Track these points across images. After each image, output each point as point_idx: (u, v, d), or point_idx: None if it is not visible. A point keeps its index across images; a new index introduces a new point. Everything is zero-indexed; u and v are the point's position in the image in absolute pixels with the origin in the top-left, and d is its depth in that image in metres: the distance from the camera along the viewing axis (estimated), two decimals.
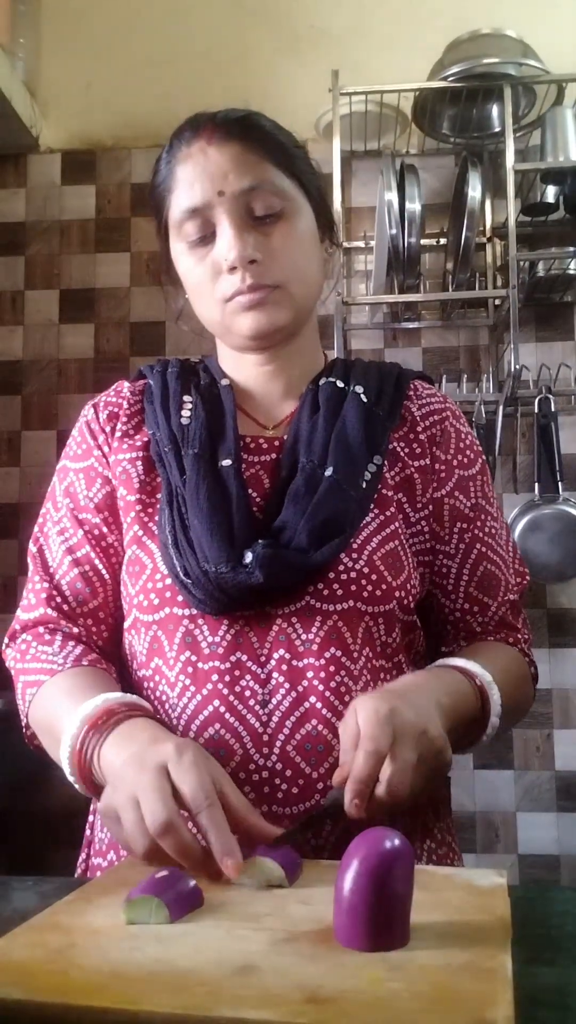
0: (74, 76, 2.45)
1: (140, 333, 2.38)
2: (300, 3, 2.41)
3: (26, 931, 0.57)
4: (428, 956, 0.52)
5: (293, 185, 0.96)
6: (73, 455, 1.03)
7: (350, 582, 0.90)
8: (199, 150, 0.94)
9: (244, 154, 0.93)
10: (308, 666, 0.88)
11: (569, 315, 2.31)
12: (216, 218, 0.93)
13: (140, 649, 0.94)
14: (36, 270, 2.44)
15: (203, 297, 0.97)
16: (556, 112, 2.14)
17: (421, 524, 0.99)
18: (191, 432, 0.97)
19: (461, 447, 1.03)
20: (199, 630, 0.90)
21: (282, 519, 0.91)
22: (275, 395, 1.03)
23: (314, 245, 0.99)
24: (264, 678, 0.88)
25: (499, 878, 0.66)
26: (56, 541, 1.00)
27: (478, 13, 2.19)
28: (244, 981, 0.49)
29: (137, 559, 0.94)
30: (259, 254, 0.92)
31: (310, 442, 0.96)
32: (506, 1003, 0.45)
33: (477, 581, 1.00)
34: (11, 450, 2.38)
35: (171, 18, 2.43)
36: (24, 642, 0.98)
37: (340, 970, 0.50)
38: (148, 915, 0.58)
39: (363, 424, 0.97)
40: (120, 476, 0.99)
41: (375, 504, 0.95)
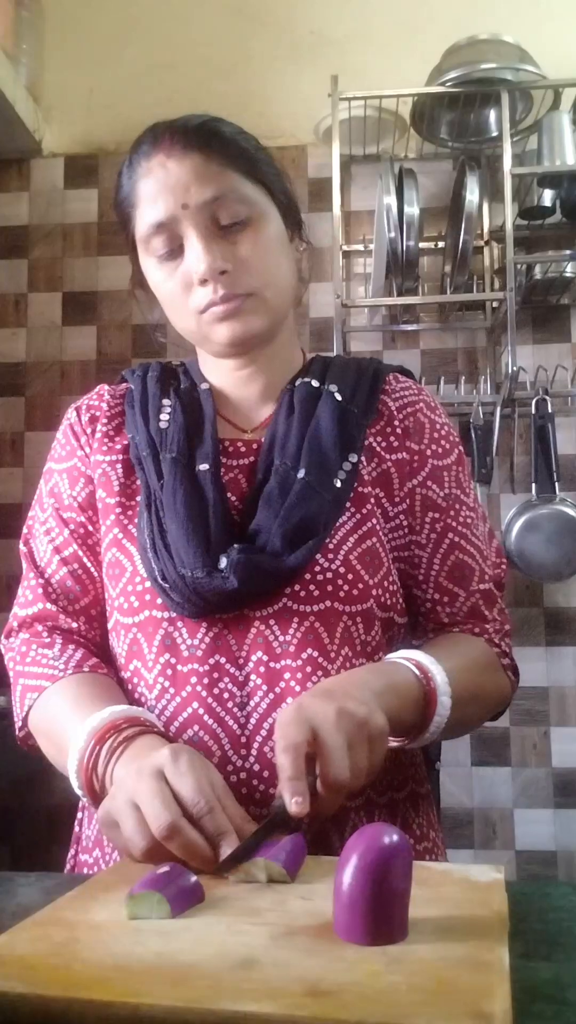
0: (77, 81, 2.45)
1: (142, 335, 2.38)
2: (300, 9, 2.41)
3: (30, 926, 0.57)
4: (426, 950, 0.52)
5: (257, 190, 0.94)
6: (57, 457, 1.04)
7: (326, 583, 0.89)
8: (159, 164, 0.93)
9: (205, 164, 0.91)
10: (285, 667, 0.88)
11: (566, 317, 2.32)
12: (183, 231, 0.91)
13: (120, 651, 0.94)
14: (39, 273, 2.44)
15: (177, 309, 0.96)
16: (553, 117, 2.14)
17: (400, 518, 0.98)
18: (169, 436, 0.97)
19: (435, 437, 1.01)
20: (178, 633, 0.90)
21: (256, 523, 0.91)
22: (253, 398, 1.02)
23: (284, 247, 0.98)
24: (242, 680, 0.88)
25: (496, 873, 0.66)
26: (43, 541, 1.00)
27: (476, 19, 2.19)
28: (245, 975, 0.49)
29: (117, 562, 0.95)
30: (229, 264, 0.91)
31: (284, 444, 0.96)
32: (503, 996, 0.45)
33: (448, 571, 0.98)
34: (14, 451, 2.39)
35: (172, 24, 2.43)
36: (24, 642, 0.97)
37: (340, 964, 0.50)
38: (150, 910, 0.58)
39: (337, 423, 0.96)
40: (100, 479, 0.99)
41: (351, 503, 0.94)
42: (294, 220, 1.01)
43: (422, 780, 1.00)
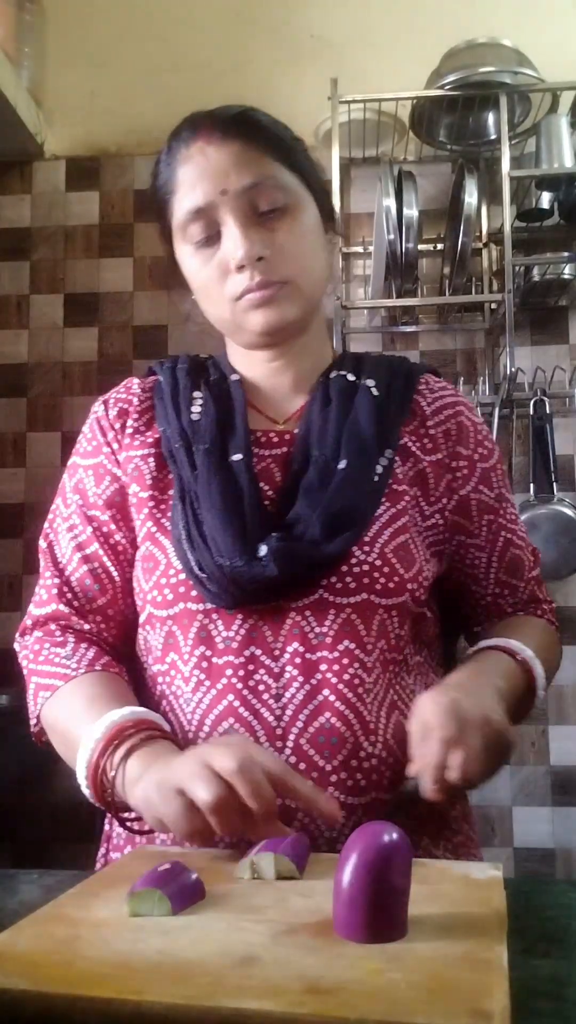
0: (78, 84, 2.45)
1: (143, 336, 2.38)
2: (300, 13, 2.41)
3: (32, 923, 0.57)
4: (426, 947, 0.52)
5: (295, 179, 0.94)
6: (83, 452, 1.02)
7: (363, 575, 0.88)
8: (198, 150, 0.92)
9: (244, 151, 0.91)
10: (322, 659, 0.87)
11: (563, 319, 2.32)
12: (220, 217, 0.91)
13: (155, 644, 0.93)
14: (41, 275, 2.44)
15: (211, 297, 0.95)
16: (551, 120, 2.14)
17: (436, 518, 0.97)
18: (201, 428, 0.96)
19: (479, 439, 1.02)
20: (213, 625, 0.89)
21: (295, 512, 0.90)
22: (285, 389, 1.01)
23: (319, 237, 0.97)
24: (278, 672, 0.87)
25: (495, 871, 0.66)
26: (66, 537, 0.99)
27: (474, 22, 2.19)
28: (246, 972, 0.49)
29: (150, 555, 0.94)
30: (267, 250, 0.90)
31: (322, 435, 0.95)
32: (502, 993, 0.45)
33: (506, 567, 1.01)
34: (16, 451, 2.38)
35: (173, 28, 2.43)
36: (37, 640, 0.97)
37: (340, 961, 0.50)
38: (151, 907, 0.58)
39: (375, 418, 0.96)
40: (132, 473, 0.98)
41: (386, 497, 0.94)
42: (328, 212, 1.00)
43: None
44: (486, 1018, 0.43)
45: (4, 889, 0.71)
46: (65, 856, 2.15)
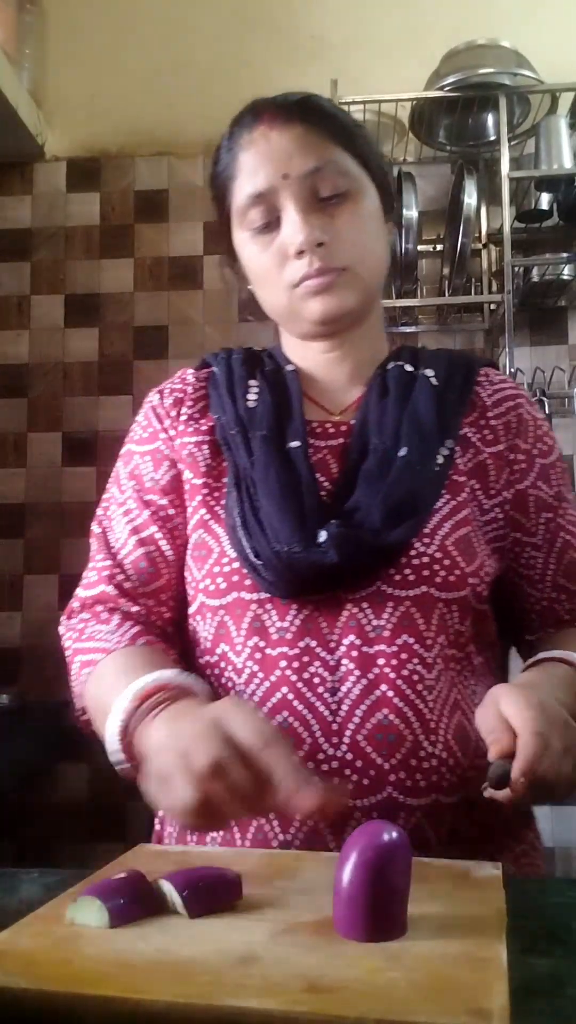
0: (79, 86, 2.45)
1: (144, 337, 2.38)
2: (300, 15, 2.41)
3: (32, 921, 0.57)
4: (425, 946, 0.52)
5: (356, 164, 0.92)
6: (138, 439, 1.01)
7: (422, 567, 0.86)
8: (261, 135, 0.90)
9: (307, 135, 0.89)
10: (379, 653, 0.84)
11: (563, 319, 2.32)
12: (281, 203, 0.89)
13: (205, 635, 0.91)
14: (42, 275, 2.44)
15: (269, 285, 0.94)
16: (550, 121, 2.14)
17: (495, 512, 0.94)
18: (258, 415, 0.95)
19: (539, 434, 0.98)
20: (267, 615, 0.86)
21: (355, 500, 0.88)
22: (341, 381, 0.99)
23: (379, 225, 0.96)
24: (334, 665, 0.84)
25: (495, 870, 0.66)
26: (121, 522, 0.97)
27: (474, 24, 2.19)
28: (245, 971, 0.49)
29: (203, 543, 0.92)
30: (326, 236, 0.89)
31: (381, 424, 0.93)
32: (501, 992, 0.45)
33: (564, 570, 0.96)
34: (17, 451, 2.38)
35: (174, 29, 2.43)
36: (81, 621, 0.95)
37: (339, 960, 0.50)
38: (88, 917, 0.56)
39: (435, 407, 0.93)
40: (186, 459, 0.96)
41: (447, 489, 0.91)
42: (388, 200, 0.99)
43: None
44: (485, 1017, 0.43)
45: (5, 888, 0.71)
46: (66, 855, 2.15)
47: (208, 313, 2.38)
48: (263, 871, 0.67)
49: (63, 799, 2.22)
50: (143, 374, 2.37)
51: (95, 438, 2.35)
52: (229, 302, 2.36)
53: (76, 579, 1.01)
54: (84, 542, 0.95)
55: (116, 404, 2.36)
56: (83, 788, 2.21)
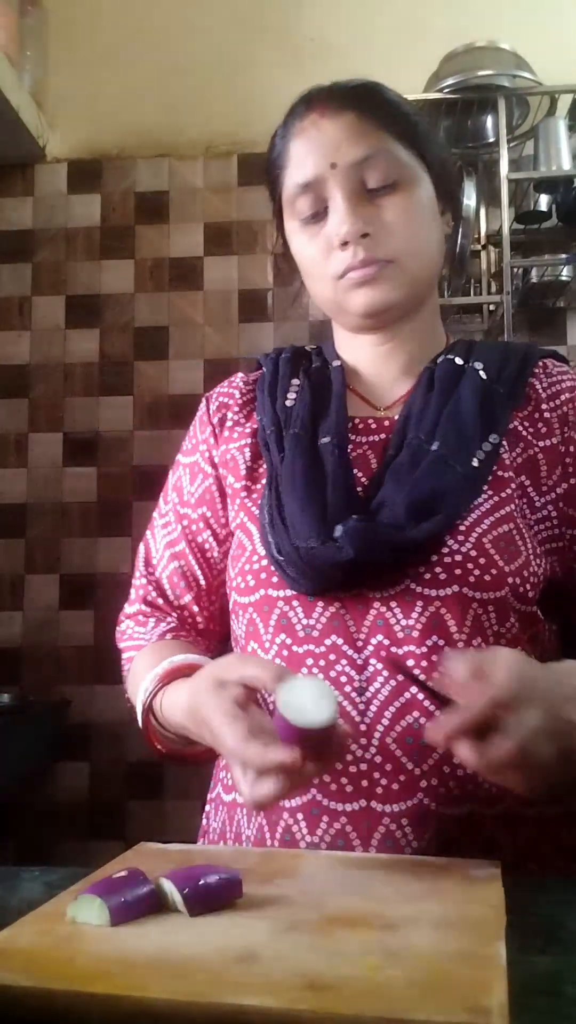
0: (80, 88, 2.45)
1: (144, 337, 2.38)
2: (301, 17, 2.41)
3: (33, 920, 0.57)
4: (424, 944, 0.52)
5: (410, 155, 0.89)
6: (185, 450, 1.02)
7: (455, 566, 0.81)
8: (312, 123, 0.89)
9: (358, 123, 0.87)
10: (408, 654, 0.81)
11: (561, 320, 2.32)
12: (329, 192, 0.87)
13: (239, 633, 0.91)
14: (43, 276, 2.44)
15: (316, 276, 0.92)
16: (549, 123, 2.14)
17: (548, 509, 0.88)
18: (295, 413, 0.93)
19: None
20: (294, 612, 0.85)
21: (382, 495, 0.85)
22: (390, 375, 0.96)
23: (432, 218, 0.92)
24: (361, 664, 0.81)
25: (494, 868, 0.66)
26: (160, 534, 1.00)
27: (473, 26, 2.19)
28: (245, 969, 0.49)
29: (239, 543, 0.92)
30: (371, 227, 0.87)
31: (420, 419, 0.90)
32: (500, 990, 0.45)
33: None
34: (19, 452, 2.38)
35: (175, 31, 2.43)
36: (127, 626, 1.01)
37: (339, 958, 0.50)
38: (90, 915, 0.56)
39: (479, 400, 0.89)
40: (229, 464, 0.96)
41: (489, 485, 0.86)
42: (447, 193, 0.95)
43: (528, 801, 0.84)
44: (484, 1014, 0.43)
45: (6, 886, 0.70)
46: (67, 853, 2.15)
47: (208, 314, 2.37)
48: (263, 870, 0.67)
49: (64, 798, 2.22)
50: (144, 375, 2.37)
51: (96, 438, 2.35)
52: (230, 303, 2.36)
53: (76, 578, 1.03)
54: (85, 542, 0.95)
55: (117, 405, 2.36)
56: (83, 787, 2.21)
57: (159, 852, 0.74)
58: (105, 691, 2.21)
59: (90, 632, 2.26)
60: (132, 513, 2.27)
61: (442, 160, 0.95)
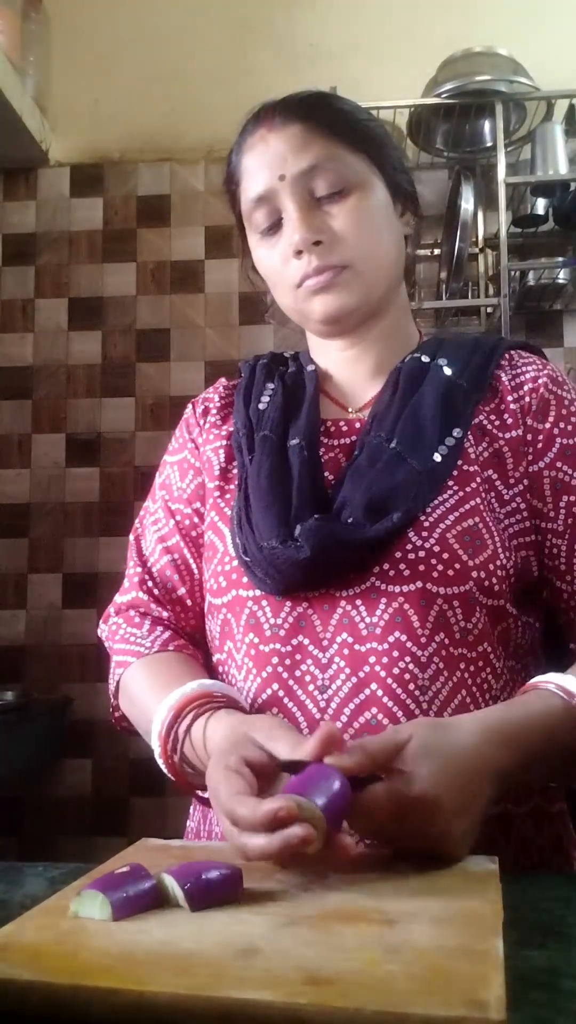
0: (82, 93, 2.45)
1: (146, 339, 2.38)
2: (299, 23, 2.41)
3: (36, 915, 0.57)
4: (423, 939, 0.52)
5: (360, 159, 0.89)
6: (171, 449, 1.03)
7: (418, 562, 0.81)
8: (260, 139, 0.90)
9: (304, 134, 0.88)
10: (371, 651, 0.81)
11: (558, 322, 2.32)
12: (282, 203, 0.88)
13: (215, 633, 0.92)
14: (46, 279, 2.44)
15: (277, 285, 0.93)
16: (546, 127, 2.14)
17: (516, 501, 0.88)
18: (266, 416, 0.94)
19: (564, 413, 0.90)
20: (262, 612, 0.85)
21: (342, 495, 0.85)
22: (361, 378, 0.96)
23: (388, 220, 0.92)
24: (325, 663, 0.82)
25: (491, 864, 0.66)
26: (151, 530, 1.00)
27: (471, 32, 2.19)
28: (246, 963, 0.49)
29: (211, 544, 0.93)
30: (323, 235, 0.87)
31: (383, 419, 0.90)
32: (498, 984, 0.45)
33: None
34: (22, 452, 2.38)
35: (175, 37, 2.43)
36: (115, 624, 0.97)
37: (338, 953, 0.50)
38: (93, 910, 0.56)
39: (441, 396, 0.89)
40: (206, 465, 0.97)
41: (454, 480, 0.86)
42: (404, 193, 0.95)
43: (554, 797, 0.88)
44: (482, 1008, 0.43)
45: (10, 881, 0.70)
46: (70, 849, 2.15)
47: (209, 316, 2.37)
48: (263, 865, 0.67)
49: (67, 794, 2.22)
50: (145, 376, 2.37)
51: (98, 439, 2.35)
52: (231, 305, 2.36)
53: (79, 577, 1.02)
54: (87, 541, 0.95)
55: (119, 406, 2.36)
56: (86, 783, 2.21)
57: (161, 848, 0.74)
58: (107, 689, 2.21)
59: (92, 630, 2.24)
60: (134, 513, 2.25)
61: (396, 162, 0.95)
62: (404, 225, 0.96)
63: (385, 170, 0.92)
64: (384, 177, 0.92)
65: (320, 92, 0.94)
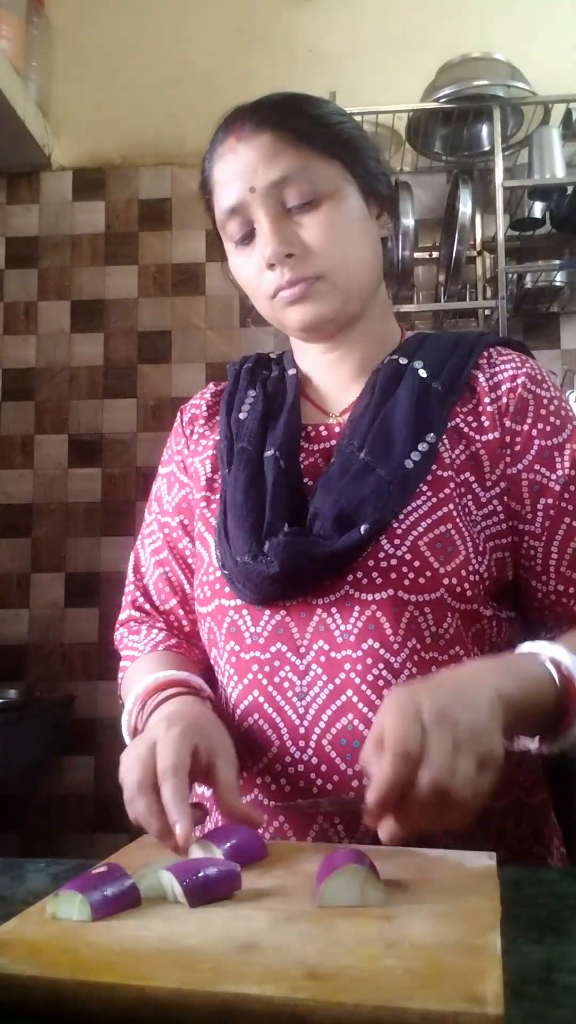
0: (84, 98, 2.45)
1: (147, 341, 2.38)
2: (299, 29, 2.41)
3: (39, 911, 0.57)
4: (421, 934, 0.52)
5: (332, 166, 0.87)
6: (163, 461, 1.04)
7: (390, 570, 0.81)
8: (229, 148, 0.88)
9: (273, 144, 0.85)
10: (346, 658, 0.81)
11: (555, 325, 2.32)
12: (254, 214, 0.86)
13: (204, 640, 0.94)
14: (49, 282, 2.44)
15: (254, 294, 0.92)
16: (543, 131, 2.14)
17: (494, 504, 0.86)
18: (245, 427, 0.94)
19: (542, 414, 0.88)
20: (243, 620, 0.86)
21: (314, 507, 0.85)
22: (341, 381, 0.95)
23: (361, 225, 0.89)
24: (303, 670, 0.83)
25: (489, 860, 0.66)
26: (146, 544, 1.02)
27: (469, 37, 2.19)
28: (246, 958, 0.49)
29: (198, 554, 0.94)
30: (295, 248, 0.85)
31: (357, 426, 0.89)
32: (495, 979, 0.45)
33: (569, 559, 0.86)
34: (25, 453, 2.38)
35: (177, 43, 2.43)
36: (120, 635, 1.02)
37: (338, 948, 0.50)
38: (71, 911, 0.55)
39: (415, 401, 0.87)
40: (192, 476, 0.98)
41: (428, 486, 0.85)
42: (378, 196, 0.92)
43: (535, 788, 0.89)
44: (480, 1002, 0.43)
45: (12, 878, 0.70)
46: (71, 845, 2.15)
47: (211, 318, 2.37)
48: (262, 861, 0.67)
49: (68, 791, 2.21)
50: (147, 378, 2.37)
51: (100, 440, 2.35)
52: (231, 307, 2.36)
53: (81, 577, 1.05)
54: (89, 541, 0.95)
55: (121, 407, 2.36)
56: (88, 780, 2.20)
57: (160, 844, 0.73)
58: (109, 687, 2.20)
59: (94, 629, 2.27)
60: (135, 513, 2.27)
61: (371, 165, 0.92)
62: (381, 227, 0.94)
63: (359, 174, 0.90)
64: (358, 182, 0.89)
65: (291, 96, 0.91)
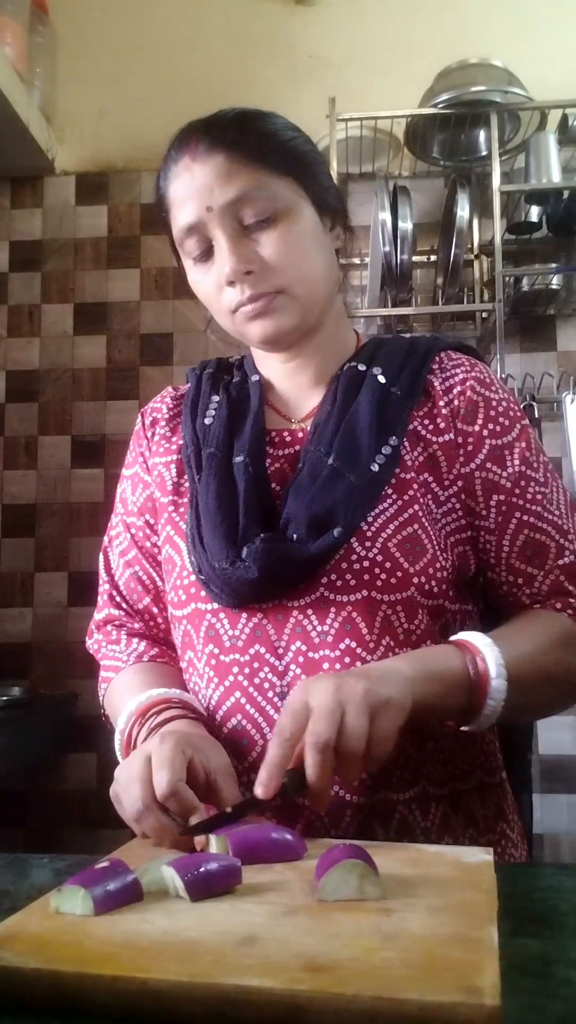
0: (87, 103, 2.45)
1: (150, 344, 2.38)
2: (299, 35, 2.41)
3: (43, 905, 0.57)
4: (419, 927, 0.52)
5: (285, 183, 0.88)
6: (126, 463, 1.04)
7: (363, 571, 0.84)
8: (184, 168, 0.88)
9: (227, 163, 0.86)
10: (324, 658, 0.83)
11: (551, 327, 2.32)
12: (211, 232, 0.87)
13: (178, 643, 0.94)
14: (52, 285, 2.44)
15: (214, 309, 0.93)
16: (539, 137, 2.14)
17: (452, 502, 0.89)
18: (212, 432, 0.95)
19: (492, 415, 0.91)
20: (220, 624, 0.88)
21: (287, 512, 0.86)
22: (302, 388, 0.97)
23: (316, 239, 0.91)
24: (282, 670, 0.85)
25: (486, 855, 0.66)
26: (115, 545, 1.02)
27: (466, 44, 2.19)
28: (247, 951, 0.49)
29: (169, 558, 0.94)
30: (253, 265, 0.86)
31: (322, 432, 0.91)
32: (492, 971, 0.45)
33: (519, 552, 0.89)
34: (28, 454, 2.38)
35: (178, 49, 2.43)
36: (97, 641, 1.01)
37: (336, 941, 0.50)
38: (74, 905, 0.55)
39: (376, 407, 0.89)
40: (156, 480, 0.98)
41: (393, 488, 0.87)
42: (331, 208, 0.94)
43: (494, 770, 0.93)
44: (477, 994, 0.43)
45: (16, 873, 0.71)
46: (75, 841, 2.15)
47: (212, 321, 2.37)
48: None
49: (72, 787, 2.22)
50: (149, 380, 2.37)
51: (103, 441, 2.36)
52: None
53: (84, 576, 1.04)
54: (92, 541, 0.96)
55: (123, 409, 2.36)
56: (91, 777, 2.21)
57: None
58: None
59: None
60: None
61: (322, 179, 0.93)
62: (335, 239, 0.95)
63: (311, 189, 0.91)
64: (311, 196, 0.90)
65: (243, 113, 0.91)
